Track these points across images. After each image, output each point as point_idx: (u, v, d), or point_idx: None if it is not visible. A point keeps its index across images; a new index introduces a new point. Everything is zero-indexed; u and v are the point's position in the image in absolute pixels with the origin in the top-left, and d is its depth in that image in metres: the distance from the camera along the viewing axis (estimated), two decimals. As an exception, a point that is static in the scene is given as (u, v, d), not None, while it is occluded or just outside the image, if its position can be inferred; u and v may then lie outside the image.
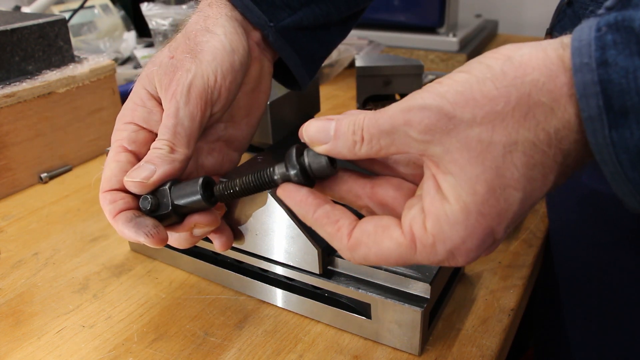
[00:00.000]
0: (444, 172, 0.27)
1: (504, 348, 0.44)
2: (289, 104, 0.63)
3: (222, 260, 0.50)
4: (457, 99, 0.26)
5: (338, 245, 0.31)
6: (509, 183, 0.26)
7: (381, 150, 0.29)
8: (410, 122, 0.27)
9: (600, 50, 0.24)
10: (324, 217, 0.31)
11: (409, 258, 0.29)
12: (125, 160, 0.39)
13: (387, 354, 0.42)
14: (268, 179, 0.34)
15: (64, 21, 0.73)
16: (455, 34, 1.13)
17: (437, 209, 0.28)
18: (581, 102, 0.25)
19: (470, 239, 0.27)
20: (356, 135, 0.29)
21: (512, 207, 0.27)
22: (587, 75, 0.24)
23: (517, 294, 0.48)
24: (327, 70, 1.04)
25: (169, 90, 0.39)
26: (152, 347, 0.44)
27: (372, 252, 0.30)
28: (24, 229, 0.61)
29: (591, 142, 0.25)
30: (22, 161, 0.68)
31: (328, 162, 0.31)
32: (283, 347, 0.43)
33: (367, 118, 0.29)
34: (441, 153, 0.27)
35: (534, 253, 0.54)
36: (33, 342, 0.45)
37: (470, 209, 0.27)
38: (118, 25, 1.19)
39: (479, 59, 0.28)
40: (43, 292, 0.50)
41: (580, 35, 0.25)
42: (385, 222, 0.30)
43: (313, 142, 0.31)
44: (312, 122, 0.31)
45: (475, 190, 0.26)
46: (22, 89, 0.66)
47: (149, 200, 0.37)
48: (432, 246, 0.28)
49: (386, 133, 0.28)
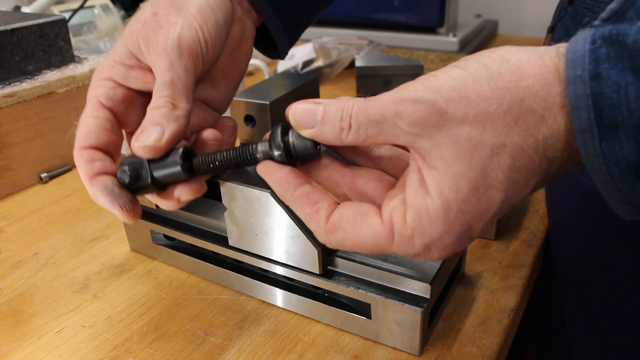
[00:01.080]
0: (430, 167, 0.27)
1: (504, 348, 0.44)
2: (288, 104, 0.63)
3: (222, 260, 0.50)
4: (451, 96, 0.26)
5: (314, 227, 0.31)
6: (493, 184, 0.27)
7: (368, 139, 0.29)
8: (401, 114, 0.27)
9: (594, 63, 0.24)
10: (303, 197, 0.31)
11: (385, 248, 0.29)
12: (104, 117, 0.37)
13: (387, 354, 0.42)
14: (250, 156, 0.33)
15: (64, 21, 0.73)
16: (455, 34, 1.13)
17: (418, 202, 0.28)
18: (573, 114, 0.25)
19: (448, 235, 0.28)
20: (344, 122, 0.29)
21: (493, 207, 0.27)
22: (579, 88, 0.24)
23: (517, 294, 0.48)
24: (327, 70, 1.04)
25: (158, 46, 0.37)
26: (152, 347, 0.44)
27: (349, 238, 0.30)
28: (24, 229, 0.61)
29: (582, 153, 0.25)
30: (22, 161, 0.68)
31: (313, 145, 0.31)
32: (283, 347, 0.43)
33: (356, 105, 0.28)
34: (429, 147, 0.27)
35: (534, 253, 0.54)
36: (33, 342, 0.45)
37: (452, 206, 0.27)
38: (118, 25, 1.19)
39: (476, 56, 0.28)
40: (43, 292, 0.50)
41: (575, 47, 0.25)
42: (364, 209, 0.30)
43: (299, 125, 0.30)
44: (299, 103, 0.30)
45: (458, 187, 0.27)
46: (22, 89, 0.66)
47: (127, 172, 0.35)
48: (410, 238, 0.28)
49: (375, 123, 0.28)
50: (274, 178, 0.32)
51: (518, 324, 0.50)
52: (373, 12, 1.18)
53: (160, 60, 0.37)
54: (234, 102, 0.61)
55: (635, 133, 0.23)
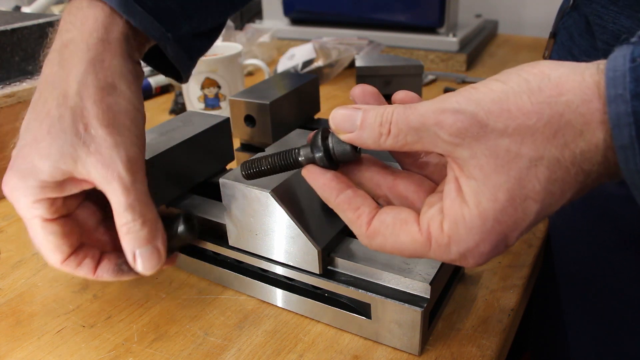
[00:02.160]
0: (468, 176, 0.28)
1: (504, 348, 0.44)
2: (288, 104, 0.63)
3: (222, 260, 0.50)
4: (492, 108, 0.27)
5: (357, 231, 0.32)
6: (529, 195, 0.27)
7: (406, 145, 0.29)
8: (442, 124, 0.27)
9: (635, 82, 0.25)
10: (345, 203, 0.32)
11: (423, 253, 0.30)
12: (58, 229, 0.38)
13: (387, 354, 0.42)
14: (293, 160, 0.34)
15: (64, 21, 0.73)
16: (455, 34, 1.13)
17: (455, 211, 0.28)
18: (614, 131, 0.25)
19: (484, 244, 0.28)
20: (383, 128, 0.29)
21: (529, 217, 0.28)
22: (621, 107, 0.25)
23: (517, 294, 0.48)
24: (327, 70, 1.04)
25: (106, 172, 0.35)
26: (152, 347, 0.44)
27: (389, 243, 0.31)
28: (24, 229, 0.60)
29: (622, 168, 0.26)
30: (22, 161, 0.68)
31: (352, 149, 0.32)
32: (283, 347, 0.43)
33: (396, 112, 0.29)
34: (467, 157, 0.28)
35: (534, 253, 0.54)
36: (33, 342, 0.45)
37: (488, 216, 0.27)
38: (118, 25, 1.19)
39: (516, 70, 0.28)
40: (43, 292, 0.50)
41: (615, 65, 0.26)
42: (404, 216, 0.31)
43: (339, 129, 0.31)
44: (339, 109, 0.31)
45: (496, 198, 0.27)
46: (22, 89, 0.66)
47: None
48: (447, 246, 0.29)
49: (415, 130, 0.28)
50: (318, 183, 0.33)
51: (518, 324, 0.50)
52: (373, 12, 1.18)
53: (113, 186, 0.36)
54: (234, 102, 0.61)
55: None
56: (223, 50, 0.85)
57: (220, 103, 0.82)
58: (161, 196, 0.50)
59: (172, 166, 0.50)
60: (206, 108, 0.82)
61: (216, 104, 0.82)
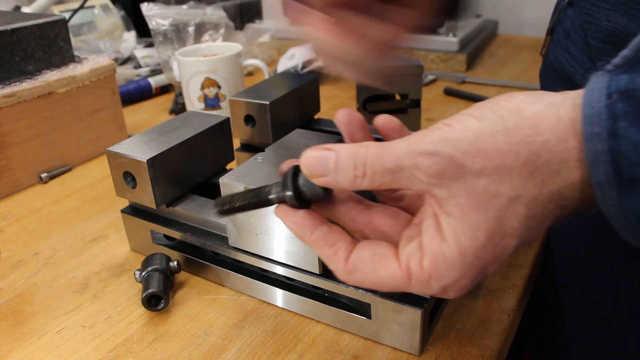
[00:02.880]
0: (446, 214, 0.28)
1: (504, 348, 0.44)
2: (289, 104, 0.63)
3: (222, 260, 0.50)
4: (469, 149, 0.27)
5: (334, 267, 0.31)
6: (508, 231, 0.27)
7: (383, 185, 0.29)
8: (418, 166, 0.27)
9: (611, 120, 0.24)
10: (321, 239, 0.32)
11: (403, 288, 0.30)
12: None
13: (387, 354, 0.42)
14: (265, 199, 0.34)
15: (64, 21, 0.73)
16: (455, 34, 1.13)
17: (435, 248, 0.28)
18: (591, 169, 0.25)
19: (464, 279, 0.28)
20: (358, 171, 0.29)
21: (507, 251, 0.28)
22: (597, 145, 0.25)
23: (517, 294, 0.48)
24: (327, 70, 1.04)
25: None
26: (152, 347, 0.44)
27: (368, 279, 0.30)
28: (24, 229, 0.61)
29: (600, 203, 0.26)
30: (22, 161, 0.68)
31: (323, 190, 0.31)
32: (283, 347, 0.43)
33: (369, 154, 0.29)
34: (446, 196, 0.27)
35: (534, 253, 0.54)
36: (33, 342, 0.45)
37: (468, 253, 0.28)
38: (118, 25, 1.19)
39: (491, 106, 0.28)
40: (43, 292, 0.50)
41: (591, 101, 0.25)
42: (382, 251, 0.30)
43: (312, 174, 0.30)
44: (310, 152, 0.30)
45: (475, 236, 0.27)
46: (22, 89, 0.66)
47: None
48: (427, 281, 0.29)
49: (390, 171, 0.28)
50: (291, 222, 0.32)
51: (518, 324, 0.50)
52: (373, 12, 1.18)
53: None
54: (234, 102, 0.61)
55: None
56: (223, 50, 0.85)
57: (220, 103, 0.82)
58: (161, 196, 0.50)
59: (172, 166, 0.50)
60: (206, 108, 0.82)
61: (216, 104, 0.82)
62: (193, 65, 0.79)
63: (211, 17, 1.04)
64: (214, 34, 1.04)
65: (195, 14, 1.03)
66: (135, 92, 0.98)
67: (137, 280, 0.48)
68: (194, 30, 1.02)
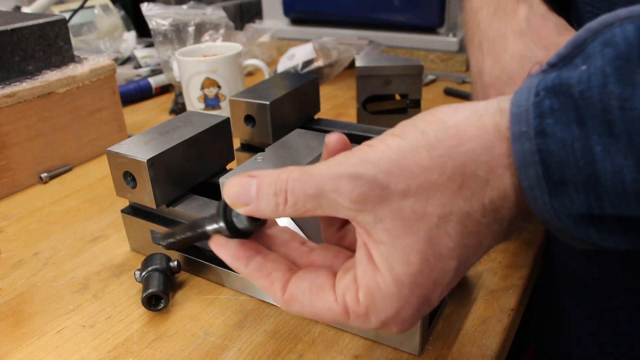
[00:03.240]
0: (376, 241, 0.26)
1: (504, 348, 0.44)
2: (289, 104, 0.63)
3: (222, 260, 0.50)
4: (391, 168, 0.25)
5: (273, 297, 0.31)
6: (443, 252, 0.26)
7: (307, 212, 0.28)
8: (340, 190, 0.26)
9: (539, 118, 0.23)
10: (255, 271, 0.31)
11: (343, 322, 0.29)
12: None
13: (387, 354, 0.42)
14: (201, 232, 0.33)
15: (64, 21, 0.73)
16: (455, 34, 1.13)
17: (369, 280, 0.27)
18: (520, 171, 0.24)
19: (405, 310, 0.27)
20: (279, 197, 0.28)
21: (447, 275, 0.27)
22: (525, 145, 0.24)
23: (517, 294, 0.48)
24: (327, 70, 1.04)
25: None
26: (152, 347, 0.44)
27: (307, 310, 0.29)
28: (24, 229, 0.61)
29: (532, 207, 0.25)
30: (22, 161, 0.68)
31: (250, 221, 0.31)
32: (283, 347, 0.43)
33: (290, 179, 0.27)
34: (372, 222, 0.26)
35: (534, 253, 0.53)
36: (33, 342, 0.45)
37: (404, 281, 0.26)
38: (118, 25, 1.19)
39: (413, 121, 0.27)
40: (43, 292, 0.50)
41: (519, 100, 0.24)
42: (320, 282, 0.29)
43: (235, 204, 0.29)
44: (232, 180, 0.29)
45: (409, 261, 0.26)
46: (22, 89, 0.66)
47: None
48: (366, 316, 0.28)
49: (313, 197, 0.27)
50: (225, 254, 0.31)
51: (518, 324, 0.50)
52: (373, 12, 1.18)
53: None
54: (234, 102, 0.61)
55: (585, 188, 0.23)
56: (223, 50, 0.85)
57: (220, 103, 0.82)
58: (161, 196, 0.50)
59: (172, 166, 0.50)
60: (206, 108, 0.82)
61: (216, 104, 0.82)
62: (193, 65, 0.79)
63: (211, 17, 1.04)
64: (214, 34, 1.04)
65: (195, 14, 1.03)
66: (135, 92, 0.98)
67: (137, 280, 0.48)
68: (194, 30, 1.02)
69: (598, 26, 0.23)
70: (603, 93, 0.22)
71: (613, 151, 0.22)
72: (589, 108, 0.22)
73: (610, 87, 0.22)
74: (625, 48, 0.22)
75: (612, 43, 0.22)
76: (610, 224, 0.24)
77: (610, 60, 0.22)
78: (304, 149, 0.49)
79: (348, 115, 0.89)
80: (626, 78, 0.22)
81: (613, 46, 0.22)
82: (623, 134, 0.22)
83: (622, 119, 0.21)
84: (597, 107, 0.22)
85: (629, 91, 0.21)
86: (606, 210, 0.23)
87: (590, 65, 0.23)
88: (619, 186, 0.22)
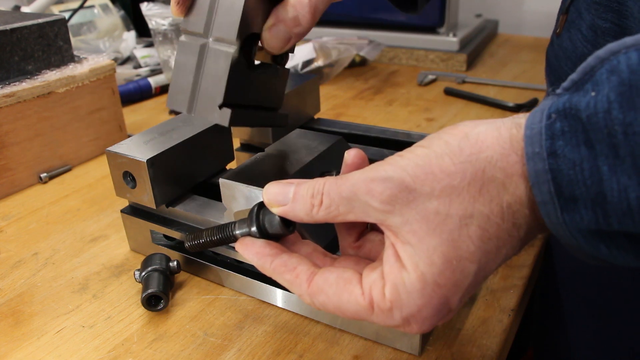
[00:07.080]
0: (403, 242, 0.28)
1: (504, 348, 0.44)
2: (288, 104, 0.63)
3: (222, 260, 0.50)
4: (417, 172, 0.28)
5: (298, 291, 0.32)
6: (465, 255, 0.28)
7: (339, 216, 0.30)
8: (372, 192, 0.28)
9: (550, 140, 0.25)
10: (281, 266, 0.32)
11: (366, 317, 0.30)
12: None
13: (387, 354, 0.42)
14: (230, 234, 0.35)
15: (63, 21, 0.73)
16: (456, 34, 1.13)
17: (395, 276, 0.29)
18: (534, 188, 0.26)
19: (426, 308, 0.28)
20: (315, 199, 0.30)
21: (467, 278, 0.28)
22: (538, 164, 0.26)
23: (517, 294, 0.48)
24: (327, 70, 1.04)
25: None
26: (152, 347, 0.44)
27: (332, 303, 0.31)
28: (23, 229, 0.61)
29: (546, 222, 0.27)
30: (21, 161, 0.68)
31: (280, 223, 0.32)
32: (283, 347, 0.43)
33: (327, 183, 0.30)
34: (400, 223, 0.28)
35: (534, 253, 0.53)
36: (33, 342, 0.45)
37: (427, 279, 0.28)
38: (118, 25, 1.19)
39: (438, 134, 0.29)
40: (43, 292, 0.50)
41: (532, 122, 0.26)
42: (348, 275, 0.31)
43: (271, 203, 0.32)
44: (273, 184, 0.32)
45: (432, 261, 0.28)
46: (21, 89, 0.66)
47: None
48: (389, 311, 0.29)
49: (346, 200, 0.29)
50: (251, 252, 0.33)
51: (518, 324, 0.50)
52: (373, 12, 1.18)
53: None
54: (234, 102, 0.61)
55: (593, 205, 0.25)
56: (223, 50, 0.85)
57: (220, 103, 0.82)
58: (161, 196, 0.50)
59: (172, 166, 0.50)
60: (206, 108, 0.82)
61: (216, 103, 0.82)
62: (193, 65, 0.79)
63: (211, 17, 1.04)
64: (214, 33, 1.03)
65: (195, 14, 1.03)
66: (135, 92, 0.98)
67: (137, 281, 0.48)
68: (194, 30, 1.01)
69: (605, 54, 0.25)
70: (608, 119, 0.24)
71: (619, 171, 0.24)
72: (595, 132, 0.24)
73: (614, 113, 0.23)
74: (629, 75, 0.23)
75: (616, 70, 0.24)
76: (619, 240, 0.26)
77: (614, 87, 0.24)
78: (304, 148, 0.49)
79: (348, 115, 0.89)
80: (629, 103, 0.23)
81: (617, 73, 0.24)
82: (627, 156, 0.23)
83: (625, 142, 0.23)
84: (603, 131, 0.24)
85: (631, 116, 0.23)
86: (613, 226, 0.25)
87: (598, 93, 0.24)
88: (624, 203, 0.24)
